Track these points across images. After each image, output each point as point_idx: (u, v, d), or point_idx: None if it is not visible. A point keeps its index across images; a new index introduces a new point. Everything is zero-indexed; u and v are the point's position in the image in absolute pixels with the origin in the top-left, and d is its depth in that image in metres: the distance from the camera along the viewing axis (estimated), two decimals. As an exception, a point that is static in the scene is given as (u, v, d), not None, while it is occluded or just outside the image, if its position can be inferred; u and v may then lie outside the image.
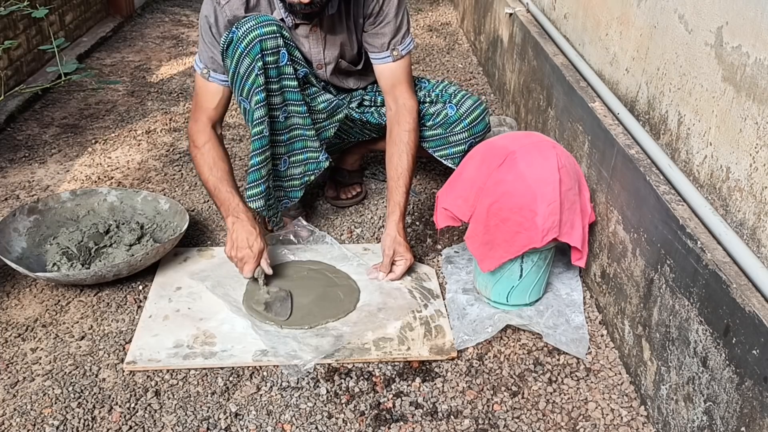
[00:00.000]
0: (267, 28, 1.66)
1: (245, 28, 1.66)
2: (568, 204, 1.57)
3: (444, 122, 1.96)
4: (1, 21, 2.82)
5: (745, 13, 1.20)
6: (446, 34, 3.97)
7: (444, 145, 1.99)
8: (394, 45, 1.85)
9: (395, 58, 1.85)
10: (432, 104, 1.99)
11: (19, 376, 1.51)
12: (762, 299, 1.08)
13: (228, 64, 1.73)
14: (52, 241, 1.86)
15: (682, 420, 1.27)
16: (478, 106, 1.97)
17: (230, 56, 1.70)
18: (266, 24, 1.67)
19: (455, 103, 1.96)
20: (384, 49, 1.85)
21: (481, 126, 1.98)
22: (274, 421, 1.41)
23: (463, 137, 1.97)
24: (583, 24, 2.06)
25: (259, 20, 1.67)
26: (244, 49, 1.66)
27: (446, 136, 1.97)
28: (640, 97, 1.65)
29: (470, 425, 1.41)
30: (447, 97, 1.98)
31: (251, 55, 1.66)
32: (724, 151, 1.27)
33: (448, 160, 2.01)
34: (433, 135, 1.98)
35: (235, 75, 1.72)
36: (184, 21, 4.23)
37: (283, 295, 1.71)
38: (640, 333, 1.47)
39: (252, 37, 1.66)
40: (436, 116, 1.97)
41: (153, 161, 2.46)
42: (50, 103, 2.93)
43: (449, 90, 2.01)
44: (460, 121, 1.95)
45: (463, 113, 1.95)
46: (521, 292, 1.68)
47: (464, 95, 1.98)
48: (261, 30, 1.66)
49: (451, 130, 1.96)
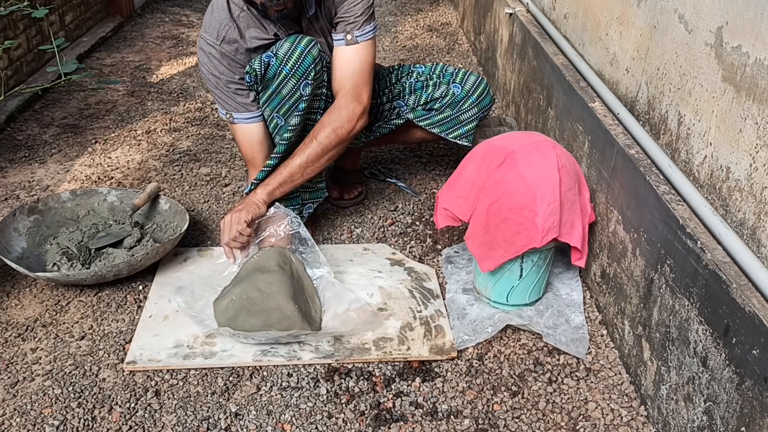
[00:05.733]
0: (303, 42, 1.71)
1: (285, 50, 1.70)
2: (568, 204, 1.57)
3: (452, 101, 1.98)
4: (1, 21, 2.82)
5: (745, 13, 1.20)
6: (446, 34, 3.97)
7: (456, 126, 2.01)
8: (349, 29, 1.76)
9: (348, 42, 1.77)
10: (436, 87, 2.00)
11: (19, 376, 1.51)
12: (762, 299, 1.08)
13: (267, 86, 1.75)
14: (52, 241, 1.86)
15: (682, 420, 1.27)
16: (481, 81, 2.00)
17: (272, 77, 1.73)
18: (301, 41, 1.72)
19: (459, 81, 1.98)
20: (340, 31, 1.78)
21: (488, 99, 2.02)
22: (274, 421, 1.41)
23: (473, 113, 1.99)
24: (583, 24, 2.06)
25: (292, 39, 1.71)
26: (290, 71, 1.70)
27: (456, 116, 1.99)
28: (640, 97, 1.65)
29: (470, 425, 1.41)
30: (449, 77, 2.01)
31: (296, 76, 1.70)
32: (724, 151, 1.27)
33: (462, 140, 2.03)
34: (444, 118, 2.00)
35: (274, 93, 1.75)
36: (184, 21, 4.23)
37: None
38: (640, 333, 1.47)
39: (296, 57, 1.70)
40: (443, 97, 1.98)
41: (153, 161, 2.46)
42: (50, 103, 2.93)
43: (448, 70, 2.03)
44: (468, 97, 1.97)
45: (469, 89, 1.98)
46: (521, 292, 1.68)
47: (465, 73, 2.01)
48: (300, 48, 1.70)
49: (459, 108, 1.98)
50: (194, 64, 3.46)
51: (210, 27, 1.76)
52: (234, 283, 1.67)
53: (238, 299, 1.58)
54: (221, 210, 2.16)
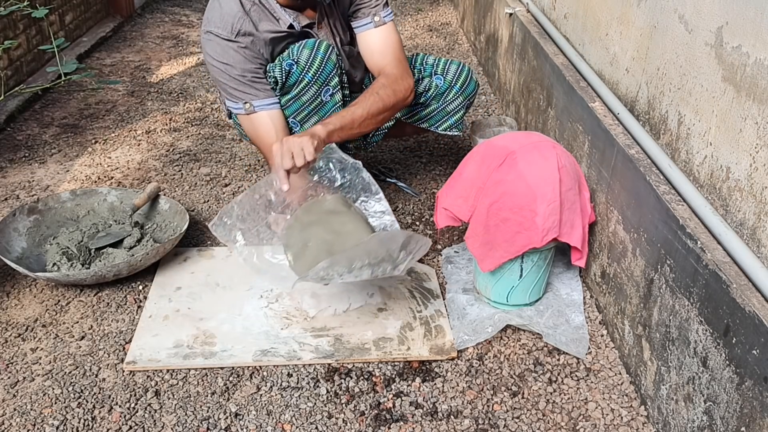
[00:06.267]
0: (322, 48, 1.72)
1: (306, 57, 1.70)
2: (568, 204, 1.57)
3: (436, 94, 1.97)
4: (1, 21, 2.82)
5: (745, 13, 1.20)
6: (446, 34, 3.97)
7: (444, 117, 2.01)
8: (375, 11, 1.82)
9: (377, 24, 1.83)
10: (419, 82, 1.99)
11: (19, 376, 1.51)
12: (762, 299, 1.08)
13: (287, 92, 1.76)
14: (52, 241, 1.86)
15: (682, 420, 1.27)
16: (463, 68, 1.99)
17: (293, 83, 1.73)
18: (320, 47, 1.73)
19: (440, 72, 1.97)
20: (364, 16, 1.83)
21: (472, 86, 2.00)
22: (274, 421, 1.41)
23: (459, 102, 1.99)
24: (583, 24, 2.06)
25: (311, 45, 1.72)
26: (312, 78, 1.71)
27: (443, 107, 1.99)
28: (640, 97, 1.65)
29: (470, 425, 1.41)
30: (430, 69, 1.99)
31: (318, 82, 1.71)
32: (724, 151, 1.27)
33: (453, 130, 2.02)
34: (431, 111, 2.00)
35: (294, 98, 1.76)
36: (184, 21, 4.23)
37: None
38: (640, 333, 1.47)
39: (317, 65, 1.70)
40: (427, 91, 1.97)
41: (153, 161, 2.46)
42: (50, 103, 2.93)
43: (428, 61, 2.01)
44: (451, 87, 1.97)
45: (451, 80, 1.97)
46: (521, 292, 1.68)
47: (446, 62, 1.99)
48: (321, 54, 1.72)
49: (444, 99, 1.98)
50: (194, 64, 3.46)
51: (221, 21, 1.74)
52: (297, 230, 1.49)
53: (315, 244, 1.42)
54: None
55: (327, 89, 1.75)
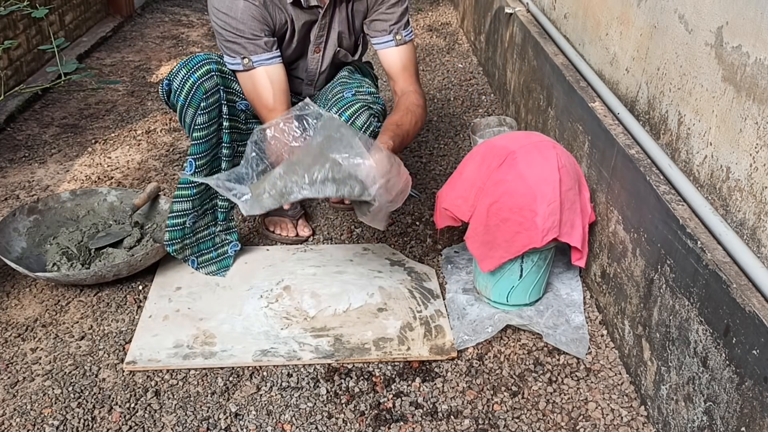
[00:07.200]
0: (200, 70, 1.68)
1: (180, 78, 1.68)
2: (568, 204, 1.57)
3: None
4: (1, 21, 2.82)
5: (745, 13, 1.20)
6: (446, 34, 3.97)
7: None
8: (396, 29, 1.83)
9: (398, 43, 1.83)
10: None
11: (19, 376, 1.51)
12: (762, 299, 1.08)
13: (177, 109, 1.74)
14: (52, 241, 1.86)
15: (682, 420, 1.27)
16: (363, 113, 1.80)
17: (173, 105, 1.73)
18: (200, 66, 1.69)
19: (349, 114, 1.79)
20: (386, 33, 1.83)
21: (361, 120, 1.79)
22: (274, 421, 1.41)
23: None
24: (583, 24, 2.06)
25: (192, 64, 1.69)
26: (185, 101, 1.68)
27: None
28: (640, 97, 1.65)
29: (470, 425, 1.41)
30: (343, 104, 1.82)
31: (193, 105, 1.68)
32: (724, 151, 1.27)
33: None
34: None
35: (182, 122, 1.74)
36: (184, 21, 4.23)
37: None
38: (640, 333, 1.47)
39: (189, 86, 1.67)
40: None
41: (153, 161, 2.46)
42: (50, 103, 2.93)
43: (342, 101, 1.83)
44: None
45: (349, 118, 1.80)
46: (521, 292, 1.68)
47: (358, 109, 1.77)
48: (194, 76, 1.68)
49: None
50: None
51: None
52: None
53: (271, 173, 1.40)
54: (221, 210, 2.16)
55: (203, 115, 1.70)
